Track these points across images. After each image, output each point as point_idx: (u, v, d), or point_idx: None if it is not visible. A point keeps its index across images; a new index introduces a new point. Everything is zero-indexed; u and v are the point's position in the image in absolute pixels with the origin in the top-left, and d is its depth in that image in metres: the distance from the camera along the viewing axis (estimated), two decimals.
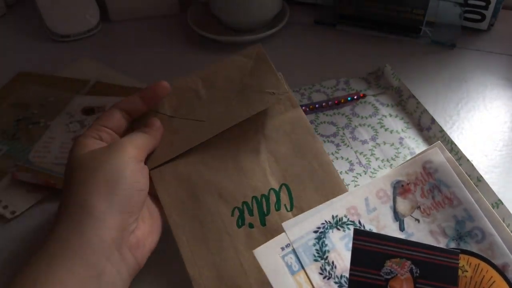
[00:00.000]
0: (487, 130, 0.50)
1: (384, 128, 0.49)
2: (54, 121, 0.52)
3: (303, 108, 0.52)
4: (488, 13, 0.63)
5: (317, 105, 0.52)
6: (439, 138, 0.46)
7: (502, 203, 0.38)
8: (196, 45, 0.66)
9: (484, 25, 0.65)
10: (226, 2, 0.62)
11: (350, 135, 0.49)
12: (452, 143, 0.45)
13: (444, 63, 0.60)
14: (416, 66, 0.60)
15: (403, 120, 0.50)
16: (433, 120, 0.48)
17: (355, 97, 0.53)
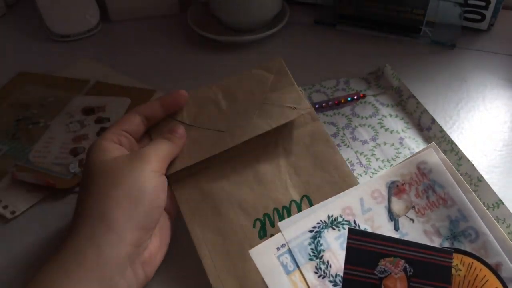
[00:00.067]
0: (487, 130, 0.50)
1: (384, 128, 0.49)
2: (54, 121, 0.52)
3: None
4: (488, 13, 0.63)
5: (317, 105, 0.52)
6: (439, 138, 0.46)
7: (503, 203, 0.38)
8: (196, 45, 0.66)
9: (484, 25, 0.65)
10: (226, 2, 0.62)
11: (350, 135, 0.49)
12: (452, 143, 0.45)
13: (444, 63, 0.60)
14: (416, 66, 0.60)
15: (403, 120, 0.50)
16: (433, 120, 0.48)
17: (355, 97, 0.53)
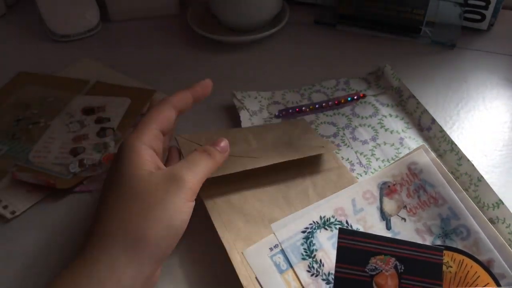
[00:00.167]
0: (487, 130, 0.50)
1: (384, 128, 0.49)
2: (54, 121, 0.52)
3: (303, 109, 0.52)
4: (488, 13, 0.63)
5: (317, 105, 0.52)
6: (439, 138, 0.46)
7: (503, 203, 0.38)
8: (196, 45, 0.66)
9: (484, 25, 0.65)
10: (226, 2, 0.62)
11: (351, 135, 0.49)
12: (453, 143, 0.45)
13: (444, 63, 0.60)
14: (416, 66, 0.60)
15: (403, 120, 0.50)
16: (433, 120, 0.48)
17: (355, 97, 0.53)
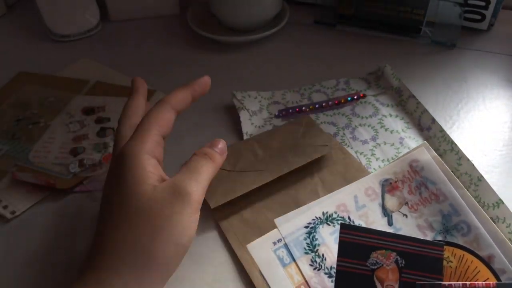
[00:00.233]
0: (487, 130, 0.50)
1: (384, 128, 0.49)
2: (54, 121, 0.52)
3: (303, 109, 0.52)
4: (488, 13, 0.63)
5: (317, 105, 0.52)
6: (439, 138, 0.46)
7: (503, 203, 0.38)
8: (196, 45, 0.66)
9: (484, 25, 0.65)
10: (226, 2, 0.62)
11: (351, 135, 0.49)
12: (453, 143, 0.45)
13: (444, 63, 0.60)
14: (416, 66, 0.60)
15: (403, 120, 0.50)
16: (434, 120, 0.48)
17: (355, 97, 0.53)
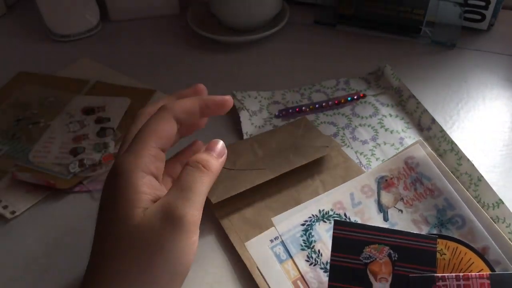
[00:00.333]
0: (487, 130, 0.50)
1: (384, 128, 0.49)
2: (54, 121, 0.52)
3: (303, 109, 0.52)
4: (488, 13, 0.63)
5: (317, 105, 0.52)
6: (439, 138, 0.46)
7: (503, 203, 0.38)
8: (196, 45, 0.66)
9: (484, 25, 0.65)
10: (226, 2, 0.62)
11: (351, 135, 0.49)
12: (453, 143, 0.45)
13: (444, 63, 0.60)
14: (416, 66, 0.60)
15: (403, 120, 0.50)
16: (433, 120, 0.48)
17: (355, 97, 0.53)
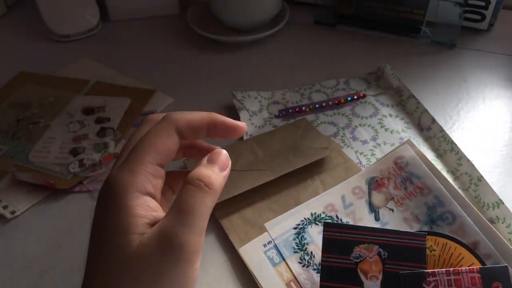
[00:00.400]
0: (487, 130, 0.50)
1: (384, 128, 0.49)
2: (54, 121, 0.52)
3: (303, 109, 0.52)
4: (488, 13, 0.63)
5: (317, 105, 0.52)
6: (439, 138, 0.46)
7: (503, 203, 0.38)
8: (196, 45, 0.66)
9: (484, 25, 0.65)
10: (226, 2, 0.62)
11: (351, 135, 0.49)
12: (453, 143, 0.45)
13: (444, 63, 0.60)
14: (416, 66, 0.60)
15: (403, 120, 0.50)
16: (433, 120, 0.48)
17: (355, 97, 0.53)
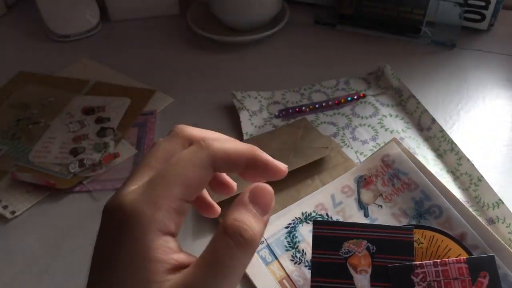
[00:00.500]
0: (488, 130, 0.50)
1: (384, 128, 0.49)
2: (54, 121, 0.52)
3: (303, 109, 0.52)
4: (488, 13, 0.63)
5: (317, 105, 0.52)
6: (439, 138, 0.46)
7: (503, 203, 0.38)
8: (196, 45, 0.66)
9: (484, 25, 0.65)
10: (226, 2, 0.62)
11: (351, 135, 0.49)
12: (453, 143, 0.45)
13: (444, 63, 0.60)
14: (416, 66, 0.60)
15: (403, 120, 0.50)
16: (433, 120, 0.48)
17: (355, 97, 0.53)
